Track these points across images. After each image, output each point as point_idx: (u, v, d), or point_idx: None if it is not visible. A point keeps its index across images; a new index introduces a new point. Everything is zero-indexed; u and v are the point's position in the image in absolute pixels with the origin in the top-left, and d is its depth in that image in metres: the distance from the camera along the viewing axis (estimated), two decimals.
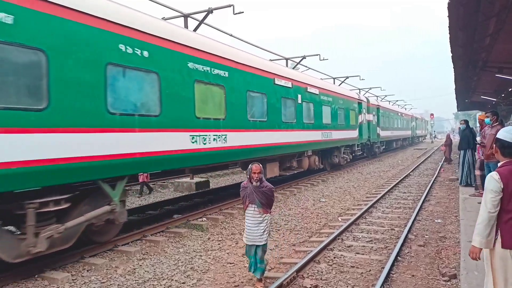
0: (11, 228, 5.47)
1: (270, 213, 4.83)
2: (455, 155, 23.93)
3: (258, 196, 4.71)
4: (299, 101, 12.95)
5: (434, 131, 75.35)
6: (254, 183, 4.72)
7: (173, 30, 7.59)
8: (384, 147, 29.50)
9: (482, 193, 9.27)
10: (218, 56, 8.59)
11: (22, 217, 4.99)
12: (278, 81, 11.42)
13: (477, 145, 9.22)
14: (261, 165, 4.79)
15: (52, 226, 5.26)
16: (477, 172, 9.31)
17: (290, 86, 12.27)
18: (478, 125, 9.66)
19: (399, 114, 35.37)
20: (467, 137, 11.04)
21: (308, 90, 13.72)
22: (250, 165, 4.83)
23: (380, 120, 25.81)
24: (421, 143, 53.82)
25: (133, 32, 6.37)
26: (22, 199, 4.96)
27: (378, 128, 25.19)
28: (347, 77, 23.22)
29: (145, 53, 6.56)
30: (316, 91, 14.46)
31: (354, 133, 19.30)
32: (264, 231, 4.74)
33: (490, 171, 8.10)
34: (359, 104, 20.85)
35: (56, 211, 5.34)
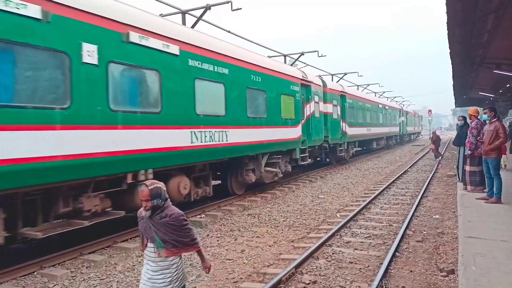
0: None
1: (180, 254, 3.11)
2: (453, 151, 24.02)
3: (157, 230, 3.01)
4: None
5: (441, 128, 75.43)
6: (145, 213, 3.05)
7: None
8: (357, 149, 24.76)
9: (473, 189, 9.30)
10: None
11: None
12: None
13: (466, 141, 9.23)
14: (158, 185, 3.06)
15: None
16: (467, 168, 9.34)
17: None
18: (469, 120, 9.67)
19: (381, 106, 28.37)
20: (464, 134, 11.07)
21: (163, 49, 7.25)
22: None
23: (346, 113, 19.03)
24: (414, 142, 45.95)
25: None
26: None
27: (343, 123, 18.48)
28: (345, 74, 23.21)
29: None
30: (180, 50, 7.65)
31: (292, 132, 12.43)
32: (170, 282, 3.01)
33: (488, 167, 8.21)
34: (306, 88, 13.89)
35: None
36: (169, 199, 3.16)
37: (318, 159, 17.68)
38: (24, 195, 5.45)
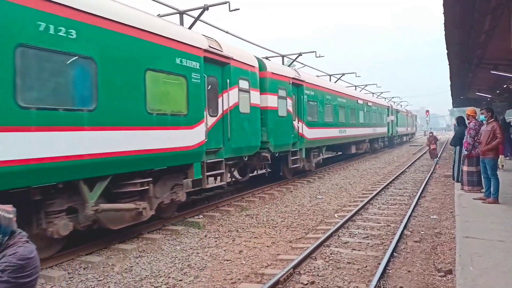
0: None
1: None
2: (451, 151, 24.06)
3: None
4: None
5: (431, 128, 74.59)
6: None
7: None
8: (328, 155, 19.50)
9: (471, 190, 9.32)
10: None
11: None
12: None
13: (463, 141, 9.26)
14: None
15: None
16: (465, 168, 9.36)
17: None
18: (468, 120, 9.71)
19: (362, 102, 22.54)
20: (459, 134, 11.11)
21: None
22: None
23: (304, 109, 13.83)
24: (407, 144, 41.24)
25: None
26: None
27: (299, 123, 13.44)
28: (343, 74, 23.23)
29: None
30: None
31: (183, 136, 7.60)
32: None
33: (485, 168, 8.22)
34: (219, 66, 9.15)
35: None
36: (21, 233, 2.25)
37: (264, 172, 12.46)
38: None
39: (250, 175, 12.02)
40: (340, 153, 22.73)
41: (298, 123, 13.31)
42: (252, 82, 10.36)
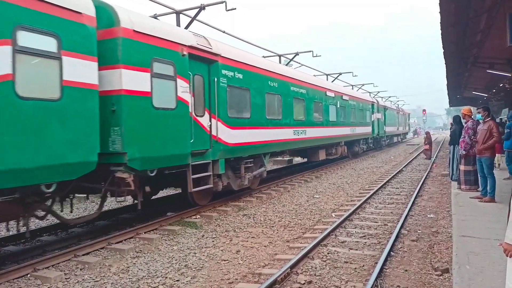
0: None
1: None
2: (447, 150, 24.15)
3: None
4: None
5: (420, 128, 73.78)
6: None
7: None
8: (263, 169, 11.39)
9: (468, 189, 9.38)
10: None
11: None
12: None
13: (460, 140, 9.30)
14: None
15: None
16: (462, 167, 9.40)
17: None
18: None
19: (333, 94, 17.65)
20: (457, 133, 11.15)
21: None
22: None
23: (222, 99, 9.15)
24: (398, 145, 37.08)
25: None
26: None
27: (212, 120, 8.87)
28: (340, 74, 23.26)
29: None
30: None
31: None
32: None
33: (482, 167, 8.26)
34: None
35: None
36: None
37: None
38: None
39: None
40: (306, 159, 18.00)
41: (208, 121, 8.62)
42: (73, 41, 5.63)
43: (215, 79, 8.84)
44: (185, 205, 8.98)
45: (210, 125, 8.75)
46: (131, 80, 6.56)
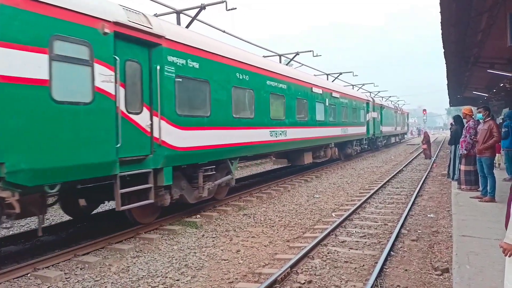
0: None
1: None
2: (447, 150, 24.15)
3: None
4: None
5: (417, 128, 73.83)
6: None
7: None
8: (229, 177, 9.60)
9: (469, 189, 9.36)
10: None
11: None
12: None
13: (461, 140, 9.29)
14: None
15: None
16: (462, 167, 9.38)
17: None
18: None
19: (320, 90, 15.65)
20: (458, 133, 11.15)
21: None
22: None
23: (170, 91, 7.33)
24: (396, 146, 35.41)
25: None
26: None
27: (153, 119, 7.02)
28: (340, 73, 23.25)
29: None
30: None
31: None
32: None
33: (482, 166, 8.25)
34: None
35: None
36: None
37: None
38: None
39: None
40: (290, 164, 15.90)
41: (149, 119, 6.84)
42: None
43: (158, 67, 6.94)
44: (184, 205, 8.94)
45: (151, 125, 6.84)
46: (13, 63, 4.83)
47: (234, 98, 9.40)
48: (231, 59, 9.35)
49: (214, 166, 8.72)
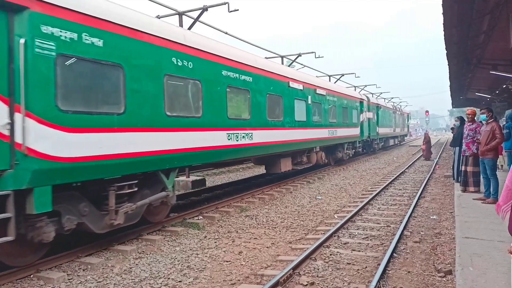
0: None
1: None
2: (450, 152, 24.10)
3: None
4: None
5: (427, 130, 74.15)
6: None
7: None
8: (165, 193, 7.38)
9: (476, 191, 9.30)
10: None
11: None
12: None
13: (468, 141, 9.25)
14: None
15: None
16: (470, 169, 9.33)
17: None
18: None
19: (301, 86, 13.48)
20: (460, 134, 11.11)
21: None
22: None
23: (49, 77, 5.11)
24: (397, 148, 34.00)
25: None
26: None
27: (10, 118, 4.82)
28: (342, 75, 23.26)
29: None
30: None
31: None
32: None
33: (484, 168, 8.23)
34: None
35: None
36: None
37: None
38: None
39: None
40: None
41: (7, 117, 4.79)
42: None
43: (22, 41, 4.80)
44: (187, 206, 8.97)
45: (12, 125, 4.76)
46: None
47: (168, 91, 7.16)
48: (164, 39, 7.10)
49: (136, 181, 6.62)
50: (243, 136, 9.61)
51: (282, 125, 11.77)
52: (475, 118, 9.39)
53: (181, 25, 9.47)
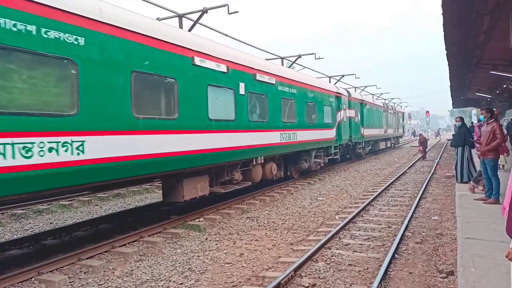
0: None
1: None
2: (451, 152, 24.09)
3: None
4: None
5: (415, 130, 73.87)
6: None
7: None
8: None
9: (481, 189, 9.17)
10: None
11: None
12: None
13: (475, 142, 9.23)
14: None
15: None
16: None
17: None
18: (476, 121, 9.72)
19: (219, 64, 8.67)
20: (463, 135, 11.09)
21: None
22: None
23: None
24: (388, 153, 28.80)
25: None
26: None
27: None
28: (343, 76, 23.24)
29: None
30: None
31: None
32: None
33: (486, 168, 8.21)
34: None
35: None
36: None
37: None
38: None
39: None
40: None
41: None
42: None
43: None
44: (188, 208, 8.99)
45: None
46: None
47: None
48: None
49: None
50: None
51: (178, 126, 7.42)
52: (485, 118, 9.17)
53: (181, 27, 9.48)
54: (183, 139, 7.60)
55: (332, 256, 5.93)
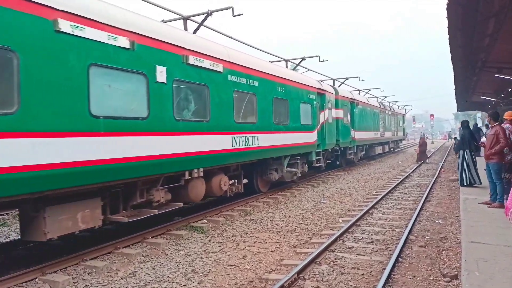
0: None
1: None
2: (454, 155, 23.96)
3: None
4: None
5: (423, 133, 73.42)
6: None
7: None
8: None
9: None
10: None
11: None
12: None
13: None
14: None
15: None
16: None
17: None
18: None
19: (116, 38, 5.98)
20: (465, 138, 11.04)
21: None
22: None
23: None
24: (386, 158, 26.76)
25: None
26: None
27: None
28: (347, 78, 23.23)
29: None
30: None
31: None
32: None
33: (490, 172, 8.16)
34: None
35: None
36: None
37: None
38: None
39: None
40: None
41: None
42: None
43: None
44: (191, 210, 8.99)
45: None
46: None
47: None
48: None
49: None
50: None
51: (21, 126, 4.77)
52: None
53: (186, 29, 9.52)
54: (41, 144, 4.95)
55: (335, 259, 5.92)
